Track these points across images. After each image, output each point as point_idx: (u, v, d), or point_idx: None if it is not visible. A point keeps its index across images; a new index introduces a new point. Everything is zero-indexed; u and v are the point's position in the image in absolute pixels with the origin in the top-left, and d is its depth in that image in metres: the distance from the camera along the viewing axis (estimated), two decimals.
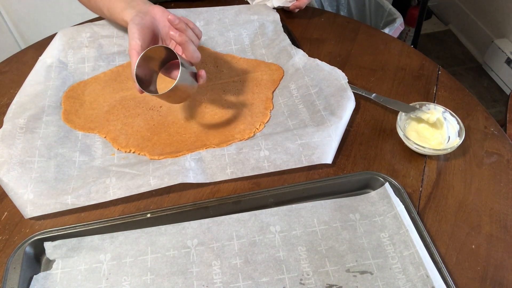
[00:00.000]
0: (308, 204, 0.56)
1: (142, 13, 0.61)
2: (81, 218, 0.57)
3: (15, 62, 0.81)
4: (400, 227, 0.52)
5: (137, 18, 0.60)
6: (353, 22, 0.87)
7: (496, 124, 0.67)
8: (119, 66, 0.77)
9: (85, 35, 0.80)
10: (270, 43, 0.80)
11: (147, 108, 0.70)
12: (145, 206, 0.58)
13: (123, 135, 0.66)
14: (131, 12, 0.62)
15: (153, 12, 0.62)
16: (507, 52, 1.73)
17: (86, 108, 0.70)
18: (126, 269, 0.51)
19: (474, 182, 0.59)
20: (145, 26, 0.60)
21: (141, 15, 0.61)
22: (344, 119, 0.64)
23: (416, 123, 0.65)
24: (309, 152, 0.60)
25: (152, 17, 0.62)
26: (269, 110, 0.69)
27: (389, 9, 1.25)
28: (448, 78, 0.74)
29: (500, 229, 0.54)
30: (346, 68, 0.76)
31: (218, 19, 0.84)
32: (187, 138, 0.65)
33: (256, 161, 0.60)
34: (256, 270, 0.50)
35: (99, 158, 0.63)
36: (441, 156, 0.62)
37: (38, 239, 0.53)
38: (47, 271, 0.51)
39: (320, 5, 1.30)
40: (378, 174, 0.58)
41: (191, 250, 0.52)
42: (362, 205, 0.56)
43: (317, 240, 0.53)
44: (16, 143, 0.62)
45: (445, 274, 0.48)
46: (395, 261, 0.50)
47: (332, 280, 0.49)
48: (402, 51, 0.80)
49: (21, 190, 0.57)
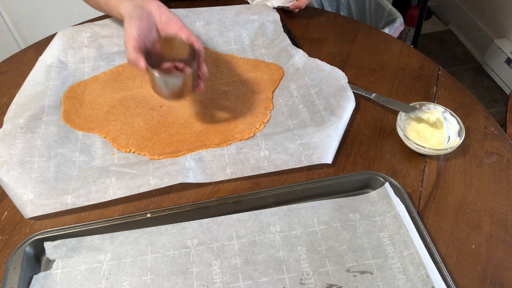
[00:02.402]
0: (308, 204, 0.56)
1: (138, 7, 0.62)
2: (81, 218, 0.57)
3: (15, 62, 0.80)
4: (400, 227, 0.52)
5: (134, 12, 0.61)
6: (353, 22, 0.87)
7: (496, 124, 0.67)
8: (119, 66, 0.77)
9: (85, 35, 0.80)
10: (270, 43, 0.80)
11: (147, 108, 0.70)
12: (145, 206, 0.58)
13: (123, 135, 0.66)
14: (127, 6, 0.63)
15: (149, 7, 0.63)
16: (507, 52, 1.73)
17: (86, 108, 0.70)
18: (126, 269, 0.51)
19: (474, 182, 0.59)
20: (142, 19, 0.61)
21: (138, 9, 0.62)
22: (344, 119, 0.64)
23: (416, 123, 0.65)
24: (309, 152, 0.60)
25: (148, 11, 0.62)
26: (269, 110, 0.69)
27: (389, 9, 1.25)
28: (448, 78, 0.74)
29: (500, 229, 0.54)
30: (346, 68, 0.76)
31: (218, 19, 0.84)
32: (187, 138, 0.65)
33: (256, 161, 0.60)
34: (256, 270, 0.50)
35: (99, 158, 0.63)
36: (441, 156, 0.62)
37: (38, 239, 0.53)
38: (47, 271, 0.51)
39: (320, 5, 1.30)
40: (378, 174, 0.58)
41: (191, 250, 0.52)
42: (362, 205, 0.56)
43: (317, 240, 0.53)
44: (16, 143, 0.62)
45: (445, 274, 0.48)
46: (395, 261, 0.50)
47: (332, 280, 0.49)
48: (402, 51, 0.80)
49: (21, 190, 0.57)
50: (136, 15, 0.60)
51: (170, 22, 0.62)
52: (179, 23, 0.62)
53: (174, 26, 0.62)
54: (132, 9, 0.62)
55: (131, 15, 0.60)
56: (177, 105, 0.70)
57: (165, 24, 0.63)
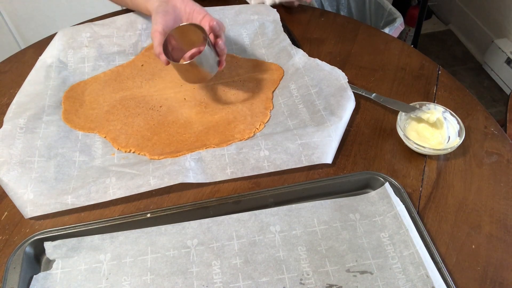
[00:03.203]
0: (308, 204, 0.56)
1: (164, 2, 0.67)
2: (81, 218, 0.57)
3: (15, 62, 0.81)
4: (400, 227, 0.52)
5: (159, 7, 0.66)
6: (353, 22, 0.87)
7: (496, 124, 0.67)
8: (119, 66, 0.77)
9: (85, 35, 0.80)
10: (270, 43, 0.80)
11: (147, 108, 0.70)
12: (145, 206, 0.58)
13: (123, 135, 0.66)
14: (154, 2, 0.68)
15: (174, 1, 0.67)
16: (507, 52, 1.73)
17: (86, 108, 0.70)
18: (126, 269, 0.51)
19: (474, 182, 0.59)
20: (168, 13, 0.65)
21: (164, 4, 0.67)
22: (344, 119, 0.65)
23: (416, 123, 0.65)
24: (309, 152, 0.60)
25: (173, 5, 0.67)
26: (269, 110, 0.69)
27: (389, 9, 1.25)
28: (448, 78, 0.74)
29: (500, 229, 0.54)
30: (346, 68, 0.76)
31: (218, 19, 0.84)
32: (187, 138, 0.65)
33: (256, 161, 0.60)
34: (256, 270, 0.50)
35: (99, 158, 0.63)
36: (441, 156, 0.62)
37: (38, 239, 0.53)
38: (47, 271, 0.51)
39: (320, 5, 1.30)
40: (378, 174, 0.58)
41: (191, 250, 0.52)
42: (362, 205, 0.56)
43: (317, 240, 0.53)
44: (16, 143, 0.62)
45: (445, 274, 0.48)
46: (395, 261, 0.50)
47: (332, 280, 0.49)
48: (402, 51, 0.80)
49: (21, 190, 0.57)
50: (161, 9, 0.65)
51: (194, 12, 0.66)
52: (202, 12, 0.66)
53: (198, 15, 0.66)
54: (158, 4, 0.66)
55: (157, 10, 0.65)
56: (177, 105, 0.70)
57: (189, 14, 0.66)
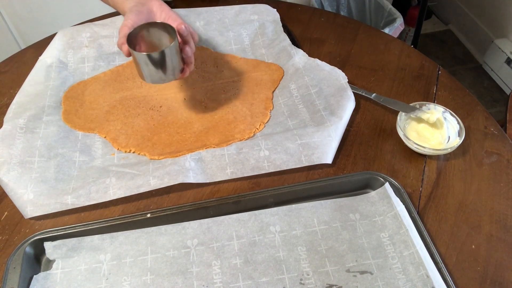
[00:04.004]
0: (308, 204, 0.56)
1: (140, 4, 0.66)
2: (81, 218, 0.57)
3: (15, 62, 0.81)
4: (400, 227, 0.52)
5: (134, 7, 0.64)
6: (353, 22, 0.87)
7: (496, 124, 0.67)
8: (119, 66, 0.77)
9: (85, 35, 0.80)
10: (270, 43, 0.80)
11: (147, 108, 0.70)
12: (145, 206, 0.58)
13: (123, 135, 0.66)
14: (130, 2, 0.66)
15: (150, 4, 0.66)
16: (507, 52, 1.73)
17: (86, 108, 0.70)
18: (126, 269, 0.51)
19: (474, 182, 0.59)
20: (141, 13, 0.63)
21: (139, 5, 0.65)
22: (344, 119, 0.64)
23: (416, 123, 0.65)
24: (309, 152, 0.60)
25: (149, 8, 0.65)
26: (269, 110, 0.69)
27: (389, 9, 1.25)
28: (448, 78, 0.74)
29: (500, 229, 0.54)
30: (346, 68, 0.76)
31: (218, 19, 0.84)
32: (187, 138, 0.65)
33: (256, 161, 0.60)
34: (256, 270, 0.50)
35: (99, 158, 0.63)
36: (441, 156, 0.62)
37: (38, 239, 0.53)
38: (47, 271, 0.51)
39: (320, 5, 1.30)
40: (378, 174, 0.58)
41: (191, 250, 0.52)
42: (362, 205, 0.56)
43: (317, 240, 0.53)
44: (16, 143, 0.62)
45: (445, 274, 0.48)
46: (395, 261, 0.50)
47: (332, 280, 0.49)
48: (402, 51, 0.80)
49: (21, 190, 0.57)
50: (136, 9, 0.63)
51: (169, 19, 0.64)
52: (178, 19, 0.63)
53: (173, 22, 0.63)
54: (134, 5, 0.65)
55: (131, 10, 0.63)
56: (177, 105, 0.70)
57: (164, 20, 0.64)
